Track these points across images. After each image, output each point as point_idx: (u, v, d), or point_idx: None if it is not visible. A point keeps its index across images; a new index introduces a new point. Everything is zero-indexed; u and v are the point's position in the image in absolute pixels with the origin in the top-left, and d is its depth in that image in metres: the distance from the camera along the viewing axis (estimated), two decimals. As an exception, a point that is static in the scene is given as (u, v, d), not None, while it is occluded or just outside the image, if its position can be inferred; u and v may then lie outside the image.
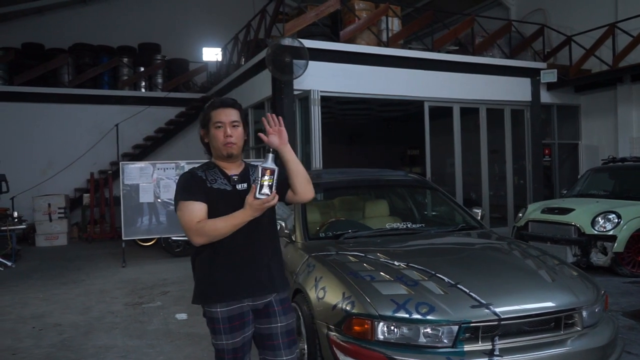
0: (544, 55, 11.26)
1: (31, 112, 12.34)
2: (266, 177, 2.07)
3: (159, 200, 8.41)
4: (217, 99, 2.37)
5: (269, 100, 9.02)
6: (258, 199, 2.07)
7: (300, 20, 8.87)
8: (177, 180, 2.36)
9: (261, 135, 2.26)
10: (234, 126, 2.28)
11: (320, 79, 8.56)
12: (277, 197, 2.11)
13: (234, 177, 2.31)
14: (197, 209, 2.19)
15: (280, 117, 2.27)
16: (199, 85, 15.01)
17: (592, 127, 11.37)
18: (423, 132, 9.69)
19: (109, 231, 11.57)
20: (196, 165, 2.42)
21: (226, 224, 2.13)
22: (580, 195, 7.99)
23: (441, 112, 9.98)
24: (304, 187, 2.31)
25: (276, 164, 2.12)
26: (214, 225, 2.15)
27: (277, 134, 2.23)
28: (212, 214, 2.20)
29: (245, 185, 2.29)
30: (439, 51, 10.12)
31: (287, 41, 8.10)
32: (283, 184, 2.26)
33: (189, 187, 2.24)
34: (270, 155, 2.15)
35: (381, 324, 2.67)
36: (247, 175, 2.35)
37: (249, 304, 2.26)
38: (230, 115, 2.28)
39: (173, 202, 2.53)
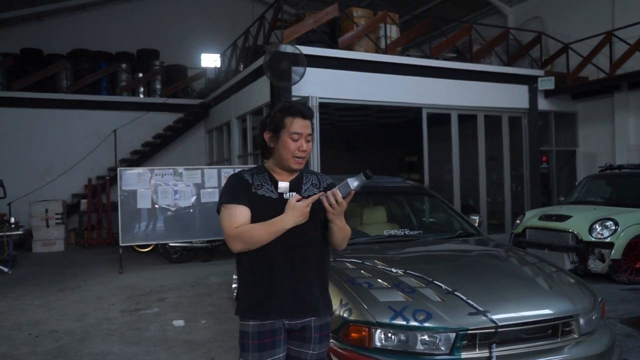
0: (541, 62, 11.31)
1: (29, 117, 12.34)
2: (342, 192, 1.96)
3: (156, 206, 8.39)
4: (295, 105, 2.16)
5: (267, 106, 9.03)
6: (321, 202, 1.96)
7: (299, 27, 8.90)
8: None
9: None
10: (308, 140, 2.13)
11: (318, 85, 8.59)
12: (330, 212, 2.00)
13: (280, 184, 2.15)
14: (237, 213, 2.05)
15: (340, 196, 2.02)
16: (197, 91, 15.03)
17: (589, 134, 11.41)
18: (421, 139, 9.71)
19: (106, 237, 11.53)
20: (244, 168, 2.29)
21: (263, 230, 2.00)
22: (578, 202, 8.00)
23: (439, 118, 10.00)
24: (339, 243, 2.20)
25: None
26: (251, 231, 2.02)
27: (339, 214, 2.05)
28: (257, 222, 2.05)
29: (293, 194, 2.12)
30: (437, 58, 10.15)
31: (284, 48, 8.13)
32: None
33: (233, 190, 2.11)
34: (362, 178, 1.97)
35: (378, 331, 2.66)
36: (299, 183, 2.19)
37: (284, 322, 2.09)
38: (307, 127, 2.12)
39: (170, 208, 2.48)
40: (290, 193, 2.14)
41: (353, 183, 1.98)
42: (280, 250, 2.05)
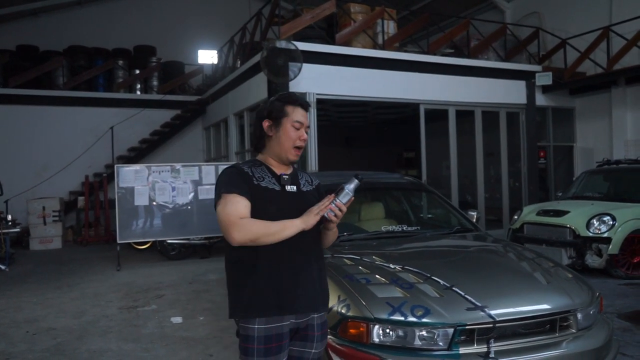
0: (539, 58, 11.31)
1: (26, 114, 12.29)
2: (343, 200, 2.01)
3: (154, 203, 8.38)
4: (294, 94, 2.17)
5: (264, 103, 9.01)
6: (324, 217, 1.99)
7: (296, 23, 8.88)
8: (218, 176, 2.12)
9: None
10: (306, 131, 2.14)
11: (316, 81, 8.57)
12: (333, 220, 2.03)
13: (284, 176, 2.10)
14: (241, 204, 1.96)
15: (344, 206, 2.04)
16: (194, 87, 14.99)
17: (586, 129, 11.42)
18: (419, 135, 9.70)
19: (103, 234, 11.51)
20: (239, 162, 2.24)
21: (276, 229, 1.94)
22: (575, 198, 8.02)
23: (437, 114, 10.01)
24: (328, 244, 2.26)
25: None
26: (262, 227, 1.93)
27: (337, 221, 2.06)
28: (260, 214, 1.98)
29: (295, 187, 2.11)
30: (434, 54, 10.15)
31: (281, 44, 8.11)
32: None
33: (234, 180, 2.01)
34: (356, 182, 2.03)
35: (376, 326, 2.66)
36: (296, 178, 2.17)
37: (291, 321, 2.04)
38: (306, 118, 2.13)
39: (167, 205, 2.46)
40: (292, 186, 2.12)
41: (350, 189, 2.01)
42: (284, 248, 1.99)
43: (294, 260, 2.04)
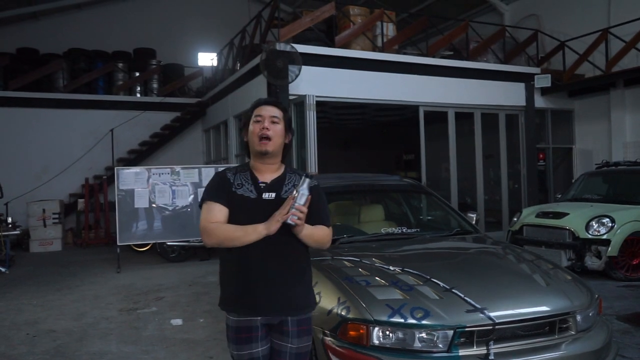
0: (537, 60, 11.33)
1: (26, 117, 12.30)
2: (300, 202, 2.03)
3: (154, 205, 8.39)
4: (262, 98, 2.32)
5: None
6: (289, 223, 2.03)
7: (296, 26, 8.90)
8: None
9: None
10: (273, 122, 2.19)
11: (315, 84, 8.59)
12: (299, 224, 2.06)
13: (261, 184, 2.19)
14: (216, 210, 2.15)
15: (304, 208, 2.06)
16: (194, 90, 15.01)
17: (585, 131, 11.44)
18: (418, 137, 9.71)
19: (103, 237, 11.52)
20: (230, 166, 2.38)
21: (239, 234, 2.08)
22: (575, 200, 8.03)
23: (436, 116, 10.02)
24: (316, 247, 2.25)
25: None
26: (227, 231, 2.10)
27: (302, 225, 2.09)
28: (233, 220, 2.14)
29: (273, 195, 2.17)
30: (433, 56, 10.16)
31: (280, 46, 8.13)
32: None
33: (213, 188, 2.22)
34: (307, 181, 2.07)
35: (376, 328, 2.67)
36: (280, 183, 2.22)
37: (262, 317, 2.17)
38: (270, 110, 2.21)
39: (167, 207, 2.53)
40: (270, 194, 2.18)
41: (304, 189, 2.06)
42: (256, 250, 2.10)
43: (266, 265, 2.13)
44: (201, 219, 2.17)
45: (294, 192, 2.06)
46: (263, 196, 2.17)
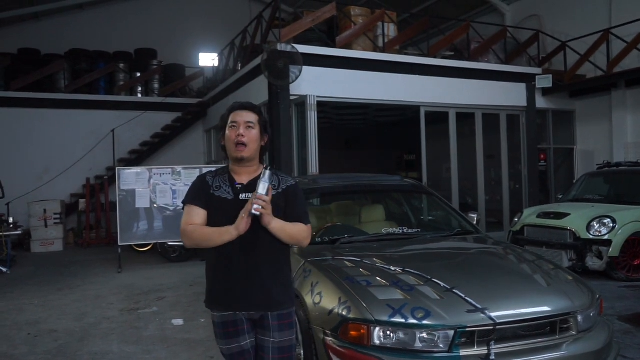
0: (539, 60, 11.33)
1: (27, 117, 12.32)
2: (262, 192, 2.08)
3: (155, 205, 8.40)
4: (237, 103, 2.36)
5: (265, 105, 9.03)
6: (255, 215, 2.07)
7: (297, 26, 8.91)
8: None
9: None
10: (248, 127, 2.25)
11: (316, 84, 8.59)
12: (265, 214, 2.08)
13: (237, 185, 2.27)
14: (194, 213, 2.24)
15: (266, 197, 2.09)
16: (195, 90, 15.03)
17: (587, 132, 11.43)
18: (419, 137, 9.71)
19: (104, 237, 11.52)
20: (211, 169, 2.43)
21: (213, 236, 2.16)
22: (576, 200, 8.02)
23: (437, 117, 10.01)
24: (293, 243, 2.29)
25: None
26: (202, 233, 2.20)
27: (268, 215, 2.12)
28: (210, 222, 2.23)
29: (249, 195, 2.20)
30: (434, 57, 10.16)
31: (281, 47, 8.13)
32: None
33: (193, 191, 2.31)
34: (267, 172, 2.13)
35: (377, 328, 2.67)
36: (256, 183, 2.24)
37: (244, 313, 2.26)
38: (245, 116, 2.26)
39: (168, 207, 2.56)
40: (246, 194, 2.22)
41: (266, 180, 2.11)
42: (236, 249, 2.18)
43: (243, 263, 2.21)
44: (182, 221, 2.26)
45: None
46: (240, 197, 2.23)
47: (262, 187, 2.08)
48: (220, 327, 2.28)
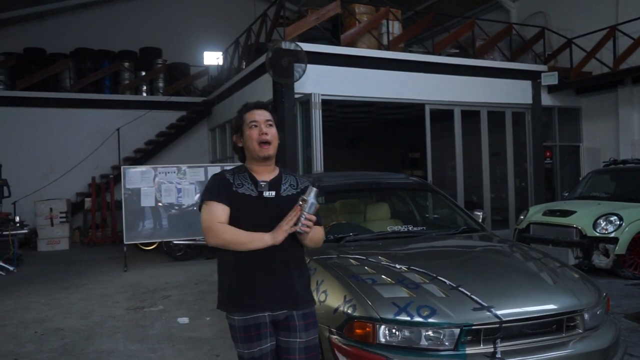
0: (544, 57, 11.27)
1: (33, 117, 12.37)
2: (310, 212, 2.10)
3: (160, 204, 8.42)
4: (248, 103, 2.36)
5: (270, 103, 9.03)
6: (298, 232, 2.11)
7: (301, 24, 8.90)
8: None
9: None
10: (268, 125, 2.26)
11: (321, 82, 8.58)
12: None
13: (261, 182, 2.25)
14: (219, 210, 2.19)
15: (314, 217, 2.15)
16: (200, 89, 15.04)
17: (593, 129, 11.37)
18: (424, 135, 9.69)
19: (110, 235, 11.57)
20: (227, 168, 2.42)
21: (245, 240, 2.13)
22: (582, 198, 7.98)
23: (442, 114, 9.99)
24: (313, 247, 2.35)
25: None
26: (234, 235, 2.15)
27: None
28: (233, 218, 2.19)
29: (273, 193, 2.23)
30: (439, 54, 10.13)
31: (286, 45, 8.13)
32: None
33: (215, 188, 2.25)
34: (315, 190, 2.13)
35: (383, 327, 2.67)
36: (278, 182, 2.29)
37: (267, 314, 2.20)
38: (264, 115, 2.27)
39: (173, 206, 2.54)
40: (270, 192, 2.24)
41: (312, 198, 2.11)
42: (259, 253, 2.15)
43: (269, 265, 2.18)
44: (204, 219, 2.20)
45: (299, 202, 2.12)
46: (264, 194, 2.23)
47: (312, 208, 2.10)
48: (242, 331, 2.20)
